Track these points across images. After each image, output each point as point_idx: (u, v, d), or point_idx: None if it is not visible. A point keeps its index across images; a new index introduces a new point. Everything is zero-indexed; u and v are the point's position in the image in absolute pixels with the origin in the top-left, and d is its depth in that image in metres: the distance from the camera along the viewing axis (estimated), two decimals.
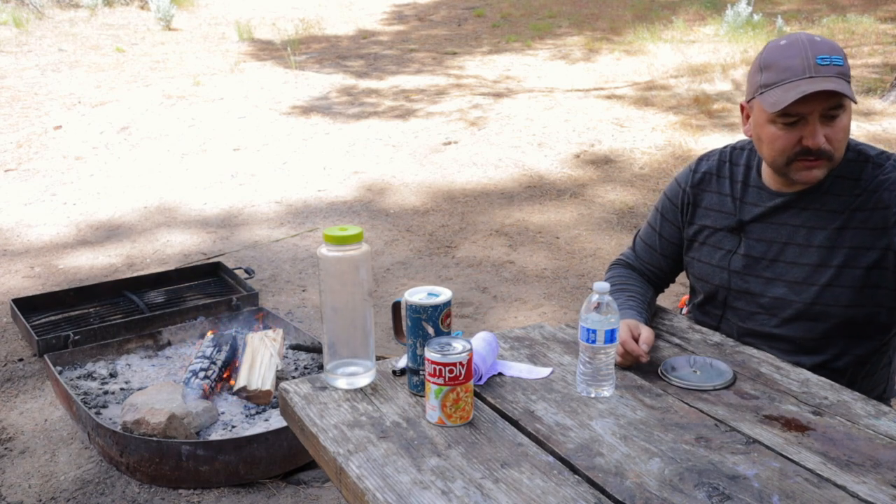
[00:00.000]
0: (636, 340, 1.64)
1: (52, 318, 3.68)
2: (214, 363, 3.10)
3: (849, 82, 1.62)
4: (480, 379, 1.57)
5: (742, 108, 1.79)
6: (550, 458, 1.32)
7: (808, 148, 1.63)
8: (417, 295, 1.50)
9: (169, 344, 3.48)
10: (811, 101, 1.59)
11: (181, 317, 3.60)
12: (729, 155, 1.90)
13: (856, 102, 1.63)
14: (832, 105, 1.61)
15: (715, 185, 1.88)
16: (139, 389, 3.02)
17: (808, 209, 1.74)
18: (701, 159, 1.94)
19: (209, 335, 3.38)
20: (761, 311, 1.80)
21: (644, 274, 2.02)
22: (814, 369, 1.66)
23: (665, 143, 6.29)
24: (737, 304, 1.84)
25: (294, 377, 2.91)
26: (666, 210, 1.97)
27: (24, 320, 3.54)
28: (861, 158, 1.72)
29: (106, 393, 3.09)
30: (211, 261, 4.43)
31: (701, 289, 1.92)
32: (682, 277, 2.08)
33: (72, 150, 6.45)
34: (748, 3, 9.62)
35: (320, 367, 3.22)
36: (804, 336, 1.76)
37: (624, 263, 2.06)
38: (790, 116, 1.63)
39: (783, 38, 1.68)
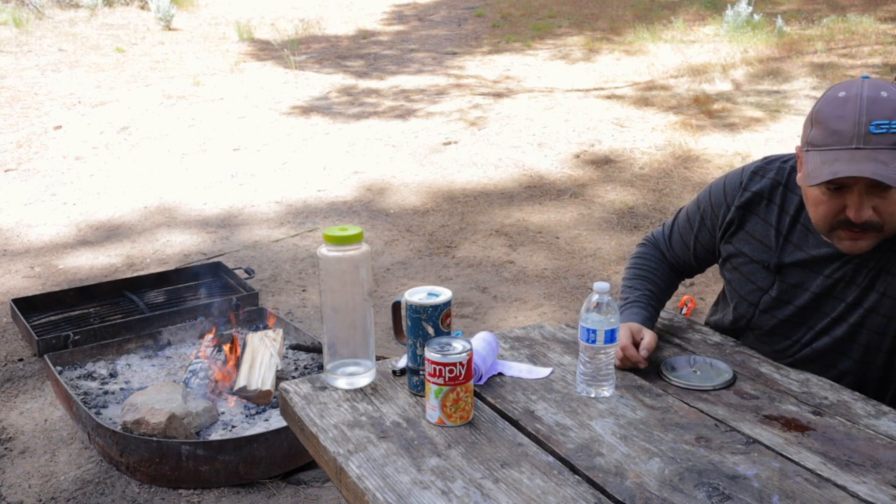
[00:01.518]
0: (637, 345, 1.63)
1: (52, 318, 3.68)
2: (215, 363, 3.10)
3: None
4: (480, 379, 1.57)
5: (798, 153, 1.60)
6: (550, 458, 1.32)
7: (851, 221, 1.47)
8: (417, 295, 1.50)
9: (169, 344, 3.48)
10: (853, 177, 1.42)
11: (181, 317, 3.60)
12: (787, 178, 1.69)
13: None
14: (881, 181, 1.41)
15: (763, 211, 1.70)
16: (139, 389, 3.02)
17: (851, 262, 1.61)
18: (755, 173, 1.73)
19: (209, 336, 3.38)
20: (781, 350, 1.74)
21: (672, 265, 1.93)
22: None
23: (665, 143, 6.29)
24: (757, 334, 1.78)
25: (294, 377, 2.91)
26: (707, 215, 1.81)
27: (24, 320, 3.54)
28: None
29: (106, 393, 3.09)
30: (211, 261, 4.43)
31: (734, 309, 1.83)
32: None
33: (72, 150, 6.45)
34: (748, 3, 9.62)
35: (320, 367, 3.22)
36: (818, 370, 1.70)
37: (655, 246, 1.94)
38: (834, 182, 1.45)
39: (846, 85, 1.47)
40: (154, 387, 2.93)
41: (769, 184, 1.70)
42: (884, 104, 1.41)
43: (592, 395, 1.52)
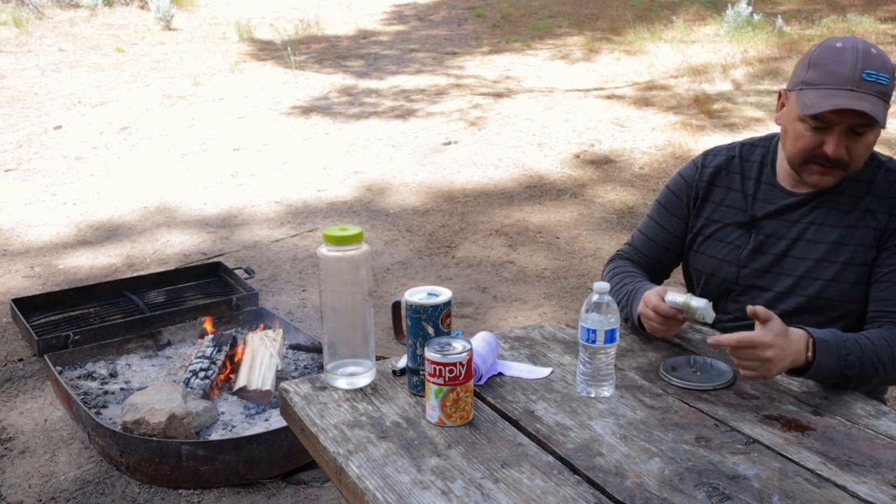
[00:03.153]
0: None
1: (52, 318, 3.68)
2: (214, 363, 3.10)
3: (887, 102, 1.63)
4: (480, 379, 1.57)
5: (780, 94, 1.79)
6: (550, 458, 1.32)
7: (826, 155, 1.66)
8: (417, 295, 1.50)
9: (169, 344, 3.48)
10: (842, 114, 1.61)
11: (181, 317, 3.60)
12: (739, 150, 1.89)
13: (884, 127, 1.63)
14: (862, 122, 1.62)
15: (724, 181, 1.87)
16: (139, 389, 3.02)
17: (821, 207, 1.76)
18: (707, 154, 1.93)
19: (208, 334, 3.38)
20: (764, 304, 1.78)
21: (643, 267, 2.00)
22: None
23: (665, 143, 6.29)
24: (741, 299, 1.83)
25: (294, 377, 2.91)
26: (670, 203, 1.96)
27: (24, 320, 3.53)
28: (875, 163, 1.75)
29: (106, 393, 3.09)
30: (211, 261, 4.43)
31: (705, 283, 1.91)
32: (676, 276, 2.08)
33: (72, 150, 6.45)
34: (748, 3, 9.62)
35: (320, 367, 3.22)
36: (810, 322, 1.75)
37: (622, 257, 2.04)
38: (819, 121, 1.64)
39: (841, 39, 1.68)
40: (154, 387, 2.93)
41: (724, 158, 1.90)
42: (875, 58, 1.63)
43: (592, 395, 1.52)
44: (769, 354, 1.48)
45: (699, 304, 1.60)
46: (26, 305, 3.72)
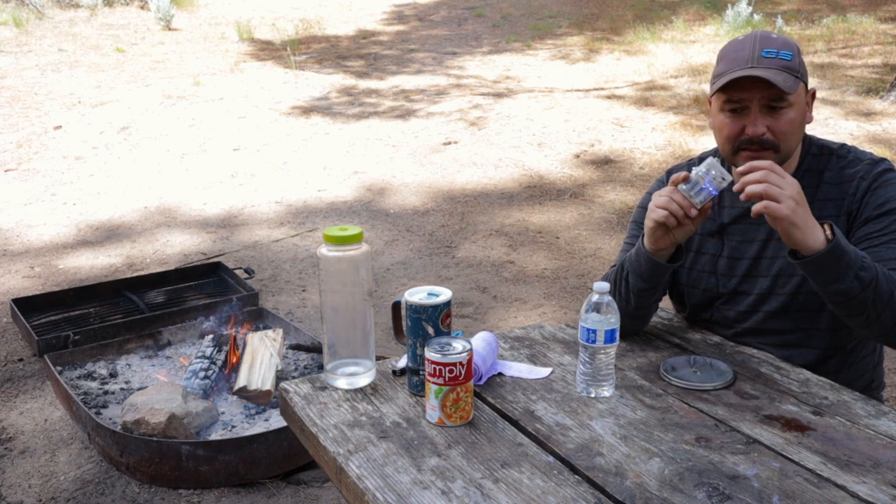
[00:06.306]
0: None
1: (52, 318, 3.68)
2: (214, 363, 3.10)
3: (795, 76, 1.65)
4: (480, 379, 1.57)
5: (709, 102, 1.83)
6: (550, 458, 1.32)
7: (749, 137, 1.67)
8: (417, 295, 1.50)
9: (169, 344, 3.48)
10: (750, 89, 1.65)
11: (181, 317, 3.60)
12: (699, 162, 1.90)
13: (787, 92, 1.62)
14: (773, 97, 1.65)
15: None
16: (139, 389, 3.02)
17: None
18: (670, 171, 1.95)
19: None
20: (748, 309, 1.81)
21: None
22: (802, 359, 1.70)
23: (665, 143, 6.29)
24: (725, 307, 1.84)
25: (294, 377, 2.91)
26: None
27: (24, 320, 3.54)
28: (825, 153, 1.79)
29: (106, 393, 3.09)
30: (211, 261, 4.43)
31: (688, 295, 1.91)
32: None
33: (72, 150, 6.45)
34: (748, 3, 9.62)
35: (320, 367, 3.22)
36: (790, 328, 1.77)
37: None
38: (733, 103, 1.68)
39: (743, 35, 1.74)
40: (154, 387, 2.94)
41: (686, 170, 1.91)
42: (773, 41, 1.68)
43: (592, 395, 1.52)
44: (796, 191, 1.49)
45: (705, 165, 1.58)
46: (26, 305, 3.72)
